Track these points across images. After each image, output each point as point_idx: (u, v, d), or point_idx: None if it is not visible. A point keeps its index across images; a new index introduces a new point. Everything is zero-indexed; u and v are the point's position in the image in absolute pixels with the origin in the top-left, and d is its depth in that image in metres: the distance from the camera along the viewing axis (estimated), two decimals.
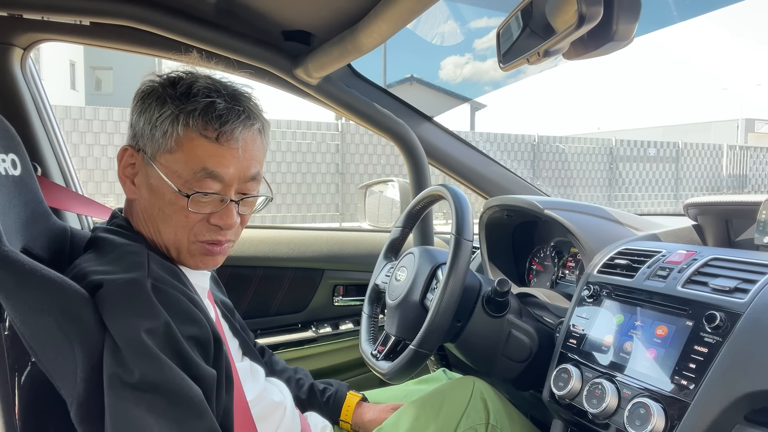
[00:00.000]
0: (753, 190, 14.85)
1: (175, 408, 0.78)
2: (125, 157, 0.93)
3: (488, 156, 1.80)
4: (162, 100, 0.89)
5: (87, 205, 1.32)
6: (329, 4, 1.24)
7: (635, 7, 0.76)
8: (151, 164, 0.90)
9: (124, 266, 0.85)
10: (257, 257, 1.80)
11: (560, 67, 16.15)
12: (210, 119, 0.88)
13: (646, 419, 0.85)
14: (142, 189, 0.92)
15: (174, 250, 0.93)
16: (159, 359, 0.78)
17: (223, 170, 0.89)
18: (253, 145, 0.93)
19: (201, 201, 0.90)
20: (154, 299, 0.81)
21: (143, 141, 0.90)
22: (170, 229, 0.91)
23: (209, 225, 0.92)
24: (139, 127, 0.91)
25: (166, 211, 0.90)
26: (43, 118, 1.61)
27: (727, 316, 0.85)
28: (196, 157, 0.88)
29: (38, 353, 0.80)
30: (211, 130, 0.88)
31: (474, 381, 1.19)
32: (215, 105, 0.88)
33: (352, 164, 10.65)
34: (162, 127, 0.88)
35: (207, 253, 0.94)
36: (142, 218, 0.94)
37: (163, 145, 0.88)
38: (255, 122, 0.93)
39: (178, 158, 0.88)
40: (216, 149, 0.88)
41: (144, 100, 0.92)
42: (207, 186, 0.89)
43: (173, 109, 0.88)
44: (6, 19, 1.46)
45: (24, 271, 0.77)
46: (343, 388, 1.31)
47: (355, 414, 1.27)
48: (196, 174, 0.88)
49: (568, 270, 1.46)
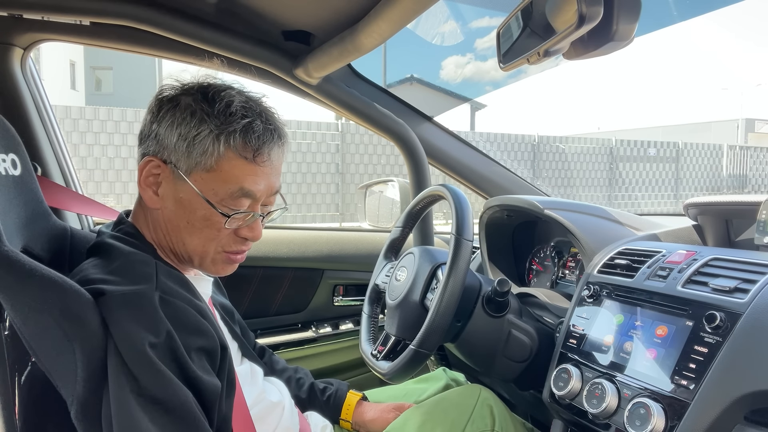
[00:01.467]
0: (753, 190, 14.85)
1: (175, 423, 0.79)
2: (149, 167, 0.91)
3: (488, 156, 1.80)
4: (199, 117, 0.89)
5: (87, 204, 1.33)
6: (329, 4, 1.24)
7: (635, 6, 0.76)
8: (185, 179, 0.89)
9: (133, 277, 0.85)
10: (257, 257, 1.80)
11: (560, 67, 16.14)
12: (249, 140, 0.89)
13: (646, 419, 0.85)
14: (168, 201, 0.92)
15: (198, 259, 0.95)
16: (162, 373, 0.78)
17: (257, 189, 0.91)
18: (279, 161, 0.95)
19: (235, 218, 0.92)
20: (160, 312, 0.81)
21: (176, 156, 0.89)
22: (198, 242, 0.93)
23: (236, 237, 0.94)
24: (170, 140, 0.89)
25: (196, 225, 0.91)
26: (43, 118, 1.61)
27: (727, 316, 0.85)
28: (234, 177, 0.89)
29: (38, 353, 0.80)
30: (249, 150, 0.90)
31: (480, 389, 1.20)
32: (253, 126, 0.90)
33: (352, 164, 10.65)
34: (201, 146, 0.88)
35: (230, 261, 0.97)
36: (162, 228, 0.94)
37: (201, 163, 0.89)
38: (284, 140, 0.95)
39: (215, 177, 0.89)
40: (252, 169, 0.90)
41: (173, 112, 0.90)
42: (242, 204, 0.91)
43: (213, 129, 0.88)
44: (6, 19, 1.46)
45: (24, 271, 0.77)
46: (343, 387, 1.31)
47: (355, 413, 1.27)
48: (233, 194, 0.90)
49: (568, 270, 1.46)
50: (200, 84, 0.93)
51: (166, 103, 0.91)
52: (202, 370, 0.84)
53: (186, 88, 0.92)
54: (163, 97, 0.92)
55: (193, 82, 0.93)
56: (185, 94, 0.91)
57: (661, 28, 1.66)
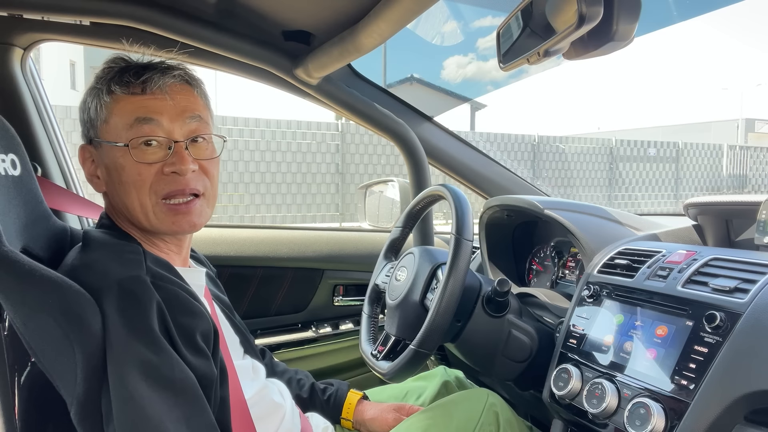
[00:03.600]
0: (753, 190, 14.84)
1: (183, 403, 0.80)
2: (82, 155, 0.98)
3: (488, 156, 1.80)
4: (91, 87, 0.96)
5: (86, 206, 1.32)
6: (329, 4, 1.24)
7: (635, 7, 0.76)
8: (100, 143, 0.94)
9: (123, 264, 0.86)
10: (257, 257, 1.80)
11: (560, 67, 16.16)
12: (130, 77, 0.93)
13: (646, 419, 0.85)
14: (104, 176, 0.96)
15: (144, 218, 0.93)
16: (167, 353, 0.80)
17: (156, 115, 0.92)
18: (183, 94, 0.96)
19: (146, 150, 0.91)
20: (156, 295, 0.83)
21: (88, 130, 0.96)
22: (133, 196, 0.92)
23: (165, 176, 0.92)
24: (83, 120, 0.97)
25: (123, 179, 0.92)
26: (43, 119, 1.61)
27: (727, 316, 0.85)
28: (128, 112, 0.92)
29: (38, 353, 0.80)
30: (133, 86, 0.93)
31: (488, 394, 1.19)
32: (130, 67, 0.95)
33: (352, 164, 10.65)
34: (93, 105, 0.94)
35: (174, 211, 0.93)
36: (117, 206, 0.96)
37: (99, 119, 0.93)
38: (176, 71, 0.96)
39: (114, 123, 0.93)
40: (144, 100, 0.92)
41: (83, 103, 0.98)
42: (143, 131, 0.91)
43: (96, 85, 0.95)
44: (6, 19, 1.46)
45: (24, 271, 0.77)
46: (343, 386, 1.31)
47: (356, 412, 1.27)
48: (131, 127, 0.91)
49: (568, 270, 1.46)
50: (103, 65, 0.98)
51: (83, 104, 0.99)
52: (197, 353, 0.85)
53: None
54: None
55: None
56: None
57: (661, 28, 1.66)
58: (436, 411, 1.16)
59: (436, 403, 1.20)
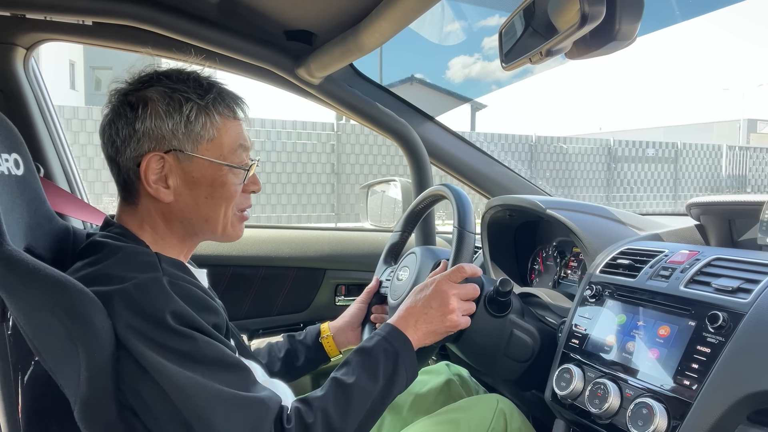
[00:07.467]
0: (753, 191, 14.83)
1: (235, 372, 0.85)
2: (151, 164, 0.93)
3: (490, 155, 1.80)
4: (181, 99, 0.93)
5: (87, 210, 1.33)
6: (331, 4, 1.24)
7: (638, 6, 0.76)
8: (194, 157, 0.95)
9: (139, 267, 0.86)
10: (259, 257, 1.80)
11: (562, 67, 16.16)
12: (228, 102, 0.99)
13: (649, 419, 0.85)
14: (180, 187, 0.95)
15: (220, 228, 1.00)
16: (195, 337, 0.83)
17: (249, 141, 1.02)
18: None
19: (245, 174, 1.01)
20: (173, 294, 0.84)
21: (177, 141, 0.93)
22: (221, 210, 0.98)
23: (244, 194, 1.03)
24: (164, 130, 0.93)
25: (215, 195, 0.97)
26: (46, 118, 1.61)
27: (730, 316, 0.85)
28: (233, 137, 0.98)
29: (42, 352, 0.80)
30: (232, 110, 0.99)
31: (498, 400, 1.18)
32: (222, 90, 0.99)
33: (347, 164, 10.64)
34: (198, 121, 0.94)
35: (243, 219, 1.04)
36: (178, 217, 0.97)
37: (204, 136, 0.95)
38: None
39: (218, 143, 0.96)
40: (240, 125, 1.01)
41: (153, 105, 0.92)
42: (244, 158, 1.00)
43: (199, 103, 0.94)
44: (9, 18, 1.47)
45: (27, 271, 0.77)
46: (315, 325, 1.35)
47: (331, 326, 1.32)
48: (235, 151, 0.98)
49: (571, 270, 1.46)
50: (157, 73, 0.97)
51: (138, 101, 0.93)
52: (221, 343, 0.88)
53: (143, 81, 0.95)
54: (130, 99, 0.94)
55: (144, 75, 0.97)
56: (149, 86, 0.94)
57: (663, 28, 1.66)
58: (444, 417, 1.15)
59: (445, 409, 1.19)
